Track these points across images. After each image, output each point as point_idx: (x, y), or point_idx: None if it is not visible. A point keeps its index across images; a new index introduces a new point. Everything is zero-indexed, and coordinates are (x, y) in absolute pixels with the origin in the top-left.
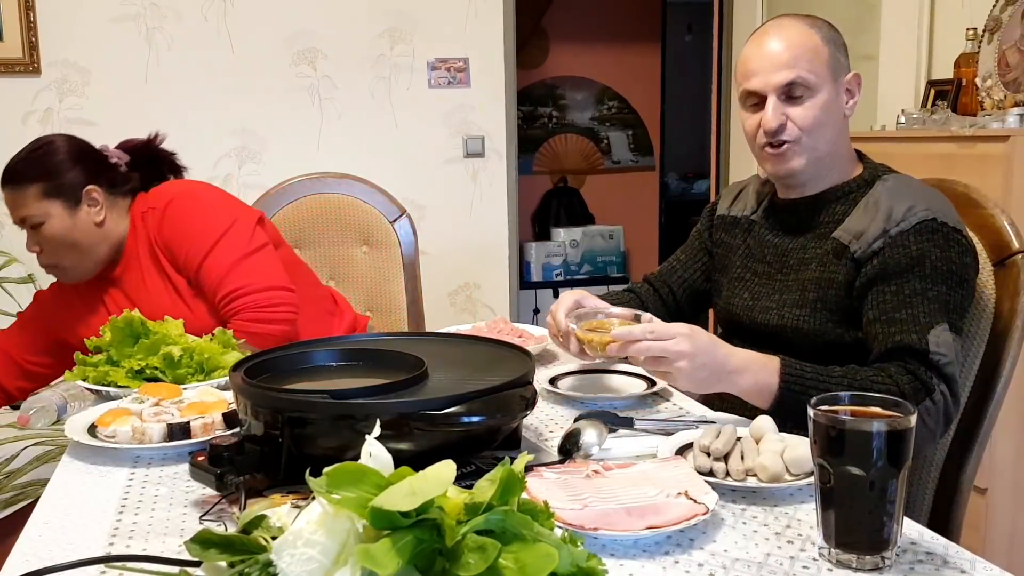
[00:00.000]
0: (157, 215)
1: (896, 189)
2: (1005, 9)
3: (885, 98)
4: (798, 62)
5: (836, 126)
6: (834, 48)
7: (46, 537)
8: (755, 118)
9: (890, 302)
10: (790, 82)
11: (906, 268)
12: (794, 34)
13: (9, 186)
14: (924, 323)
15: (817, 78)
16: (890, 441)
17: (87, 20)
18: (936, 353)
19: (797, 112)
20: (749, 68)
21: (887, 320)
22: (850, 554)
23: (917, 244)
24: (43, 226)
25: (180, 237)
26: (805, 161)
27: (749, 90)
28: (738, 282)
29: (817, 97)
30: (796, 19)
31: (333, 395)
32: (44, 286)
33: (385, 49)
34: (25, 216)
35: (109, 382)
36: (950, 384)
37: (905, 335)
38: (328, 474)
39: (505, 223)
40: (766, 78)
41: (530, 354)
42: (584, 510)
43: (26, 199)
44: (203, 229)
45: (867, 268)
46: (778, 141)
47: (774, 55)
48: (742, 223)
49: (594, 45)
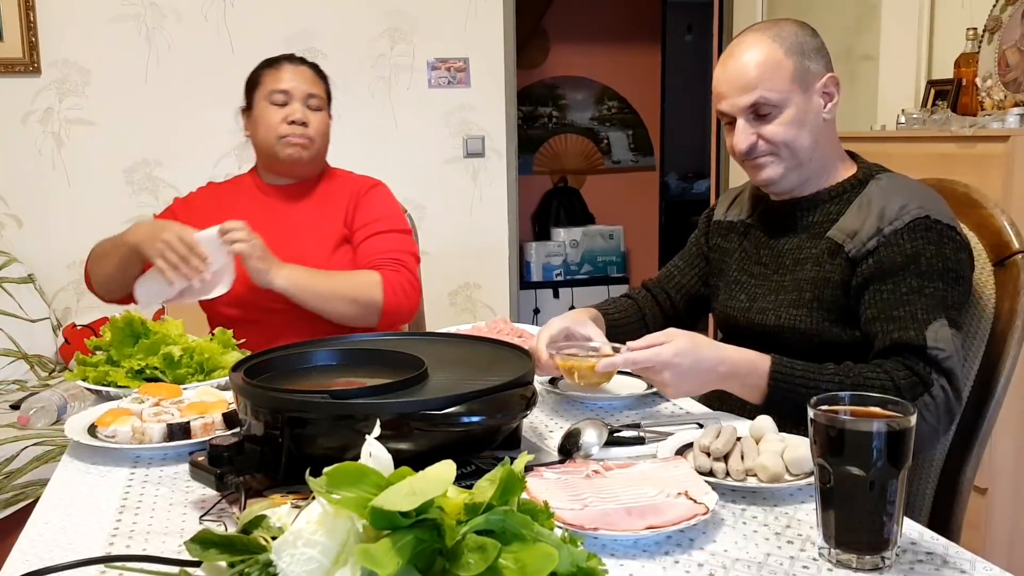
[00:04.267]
0: (366, 186)
1: (889, 188)
2: (1005, 9)
3: (885, 98)
4: (760, 82)
5: (814, 133)
6: (800, 58)
7: (46, 537)
8: (732, 136)
9: (887, 300)
10: (753, 103)
11: (901, 266)
12: (756, 52)
13: (310, 66)
14: (922, 319)
15: (781, 94)
16: (890, 441)
17: (87, 20)
18: (934, 348)
19: (767, 129)
20: (718, 90)
21: (885, 318)
22: (850, 554)
23: (911, 242)
24: (320, 112)
25: (378, 209)
26: (783, 170)
27: (720, 111)
28: (735, 285)
29: (785, 112)
30: (760, 32)
31: (333, 395)
32: (44, 286)
33: (385, 49)
34: (315, 93)
35: (109, 382)
36: (950, 378)
37: (903, 332)
38: (328, 474)
39: (505, 223)
40: (732, 101)
41: (530, 354)
42: (584, 510)
43: (318, 80)
44: (392, 215)
45: (863, 267)
46: (752, 156)
47: (737, 77)
48: (738, 227)
49: (594, 45)
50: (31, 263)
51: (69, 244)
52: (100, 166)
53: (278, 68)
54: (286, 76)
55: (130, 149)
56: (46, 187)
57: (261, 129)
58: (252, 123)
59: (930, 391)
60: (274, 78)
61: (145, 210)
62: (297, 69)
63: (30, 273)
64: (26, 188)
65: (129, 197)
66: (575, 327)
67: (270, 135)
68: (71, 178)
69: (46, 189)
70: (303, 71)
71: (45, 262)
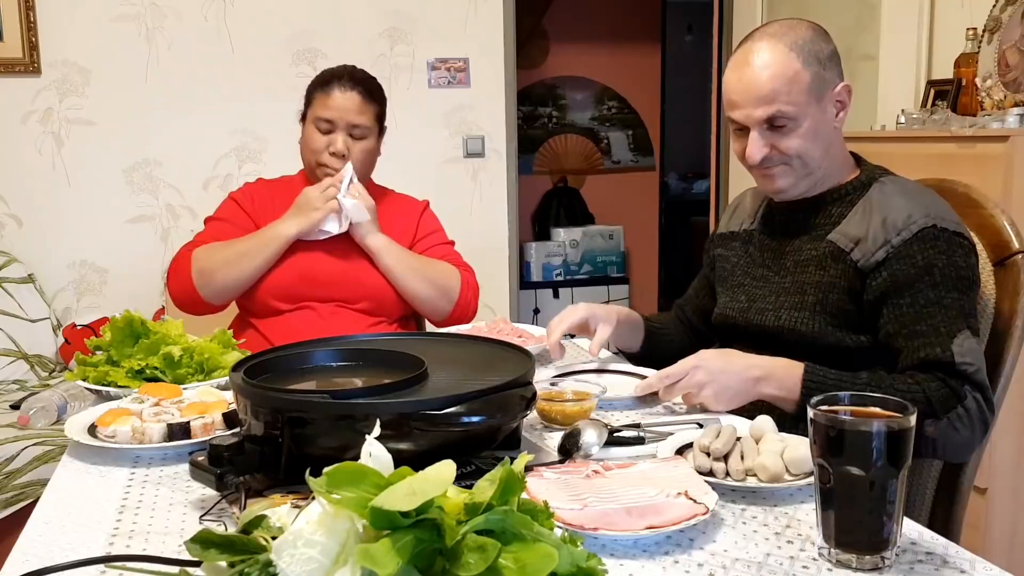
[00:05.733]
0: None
1: (892, 195)
2: (1005, 9)
3: (885, 98)
4: (778, 95)
5: (825, 142)
6: (817, 67)
7: (46, 537)
8: (742, 143)
9: (907, 315)
10: (770, 116)
11: (915, 278)
12: (773, 63)
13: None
14: (945, 333)
15: (798, 107)
16: (890, 441)
17: (87, 20)
18: (963, 363)
19: (782, 142)
20: (731, 99)
21: (908, 334)
22: (850, 554)
23: (922, 253)
24: (364, 140)
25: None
26: (794, 180)
27: (732, 119)
28: (738, 288)
29: (802, 126)
30: (776, 39)
31: (333, 395)
32: (44, 286)
33: (385, 49)
34: (359, 124)
35: (109, 382)
36: (982, 390)
37: (929, 349)
38: (328, 474)
39: (505, 223)
40: (747, 112)
41: (530, 354)
42: (584, 510)
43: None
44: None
45: (875, 281)
46: (765, 166)
47: (754, 87)
48: (740, 235)
49: (594, 45)
50: (31, 263)
51: (69, 244)
52: (100, 166)
53: (328, 92)
54: (333, 103)
55: (130, 149)
56: (46, 187)
57: (306, 150)
58: (302, 137)
59: (963, 403)
60: (322, 103)
61: (145, 210)
62: (346, 95)
63: (30, 273)
64: (26, 188)
65: (129, 197)
66: (592, 322)
67: (312, 159)
68: (71, 178)
69: (46, 189)
70: (351, 97)
71: (45, 262)
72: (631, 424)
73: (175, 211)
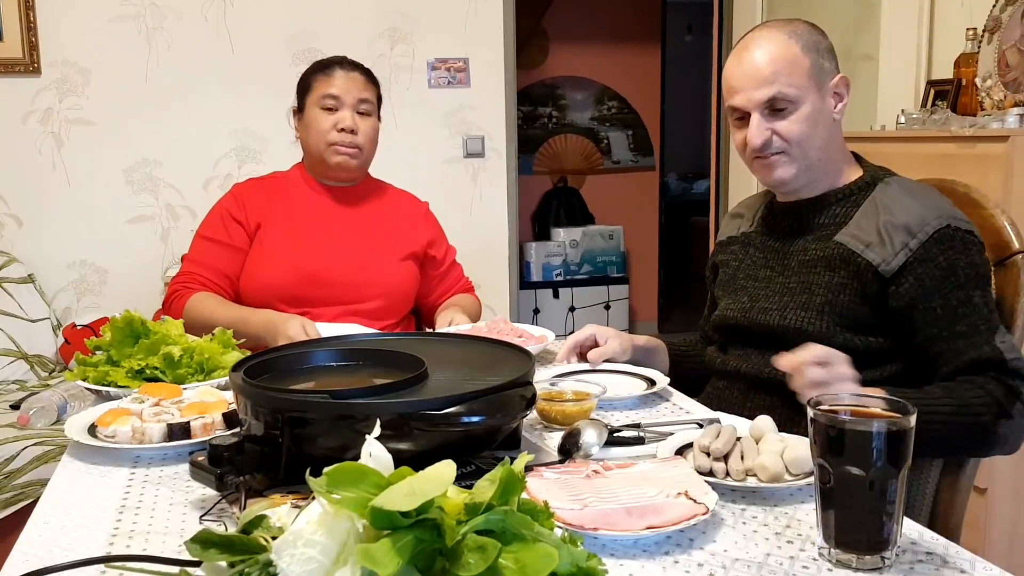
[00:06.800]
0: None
1: (899, 196)
2: (1005, 9)
3: (885, 98)
4: (778, 77)
5: (825, 132)
6: (816, 55)
7: (46, 537)
8: (743, 132)
9: (943, 318)
10: (771, 98)
11: (941, 281)
12: (773, 47)
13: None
14: (985, 331)
15: (799, 90)
16: (890, 441)
17: (87, 20)
18: (1013, 359)
19: (782, 125)
20: (731, 85)
21: (949, 336)
22: (850, 554)
23: (943, 255)
24: (370, 117)
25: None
26: (795, 170)
27: (733, 106)
28: (740, 290)
29: (801, 109)
30: (775, 29)
31: (333, 395)
32: (44, 286)
33: (385, 49)
34: (366, 99)
35: (109, 382)
36: None
37: (975, 350)
38: (328, 474)
39: (505, 223)
40: (748, 95)
41: (530, 354)
42: (584, 510)
43: (369, 85)
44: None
45: (902, 287)
46: (766, 153)
47: (754, 71)
48: (739, 239)
49: (594, 45)
50: (31, 263)
51: (69, 244)
52: (100, 166)
53: (330, 73)
54: (337, 81)
55: (130, 149)
56: (46, 187)
57: (312, 134)
58: (303, 126)
59: (1021, 398)
60: (325, 83)
61: (145, 210)
62: (349, 75)
63: (30, 273)
64: (26, 188)
65: (129, 197)
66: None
67: (320, 141)
68: (71, 178)
69: (46, 189)
70: (354, 77)
71: (45, 262)
72: (631, 424)
73: (175, 211)
